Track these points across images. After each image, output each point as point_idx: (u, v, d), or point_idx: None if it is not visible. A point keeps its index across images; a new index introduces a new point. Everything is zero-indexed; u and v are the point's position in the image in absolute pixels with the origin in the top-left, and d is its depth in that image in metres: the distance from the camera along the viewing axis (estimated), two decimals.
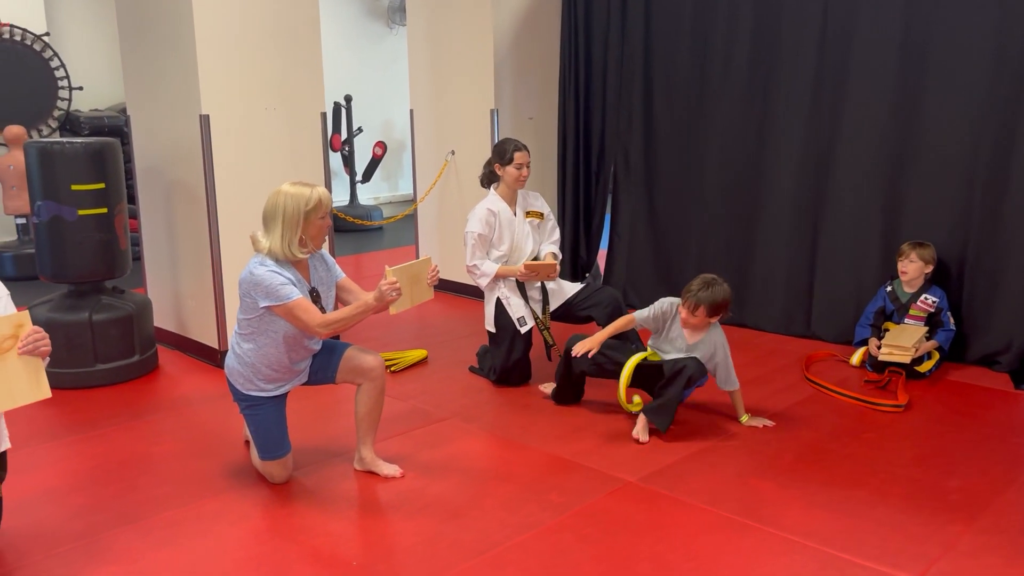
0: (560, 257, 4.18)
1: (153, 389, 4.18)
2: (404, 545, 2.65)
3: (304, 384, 3.09)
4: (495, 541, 2.66)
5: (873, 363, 4.18)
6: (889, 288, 4.30)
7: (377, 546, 2.66)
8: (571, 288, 4.14)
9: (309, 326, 2.84)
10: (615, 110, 5.58)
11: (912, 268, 4.19)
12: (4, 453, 2.65)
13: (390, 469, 3.14)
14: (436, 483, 3.08)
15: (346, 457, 3.30)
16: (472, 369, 4.35)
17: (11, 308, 2.57)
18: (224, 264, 4.38)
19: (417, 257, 6.29)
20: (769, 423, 3.58)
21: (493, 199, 4.05)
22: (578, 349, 3.51)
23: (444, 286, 6.06)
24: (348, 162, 9.39)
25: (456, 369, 4.40)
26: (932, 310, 4.18)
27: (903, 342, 3.98)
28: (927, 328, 4.15)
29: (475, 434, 3.55)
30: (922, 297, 4.18)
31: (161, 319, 4.82)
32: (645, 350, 3.65)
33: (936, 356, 4.16)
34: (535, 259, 4.06)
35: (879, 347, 4.08)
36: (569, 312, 4.10)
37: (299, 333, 2.92)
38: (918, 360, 4.06)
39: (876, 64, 4.46)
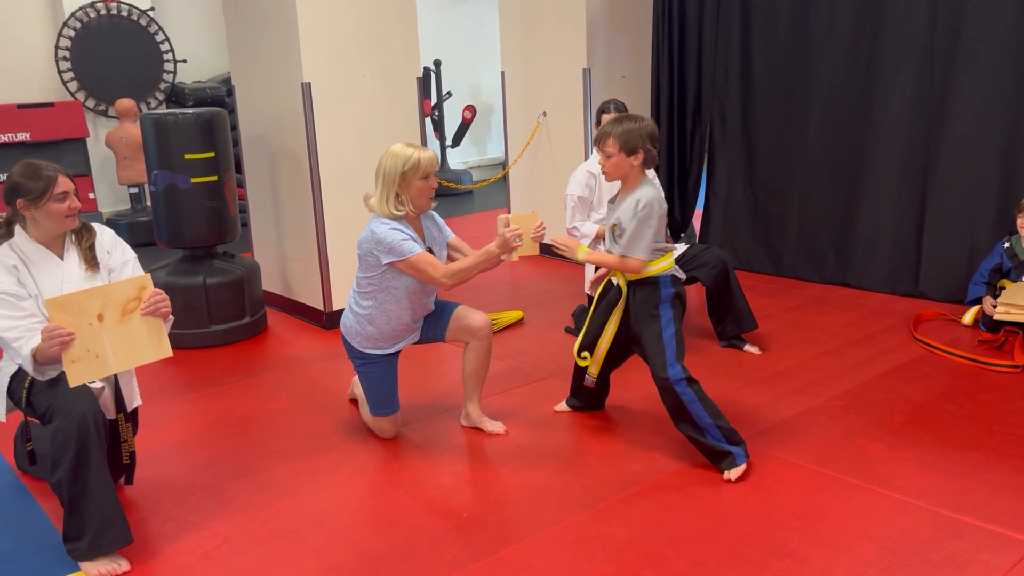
0: None
1: (264, 349, 4.37)
2: (513, 498, 2.72)
3: (415, 343, 3.18)
4: (600, 496, 2.70)
5: (987, 322, 4.01)
6: (1007, 244, 4.10)
7: (486, 499, 2.73)
8: (676, 249, 4.06)
9: (434, 277, 2.91)
10: (711, 66, 5.45)
11: None
12: (136, 409, 2.84)
13: (495, 426, 3.21)
14: (539, 440, 3.14)
15: (452, 414, 3.39)
16: (568, 330, 4.38)
17: (139, 271, 2.72)
18: (327, 228, 4.52)
19: None
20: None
21: (595, 161, 4.02)
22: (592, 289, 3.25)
23: (541, 248, 6.09)
24: (438, 127, 9.47)
25: (552, 330, 4.44)
26: None
27: (1021, 300, 3.81)
28: None
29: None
30: None
31: (268, 282, 5.01)
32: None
33: None
34: None
35: (995, 306, 3.91)
36: None
37: (420, 289, 3.00)
38: None
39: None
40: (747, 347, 3.96)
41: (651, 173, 3.51)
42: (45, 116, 6.81)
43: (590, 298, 4.08)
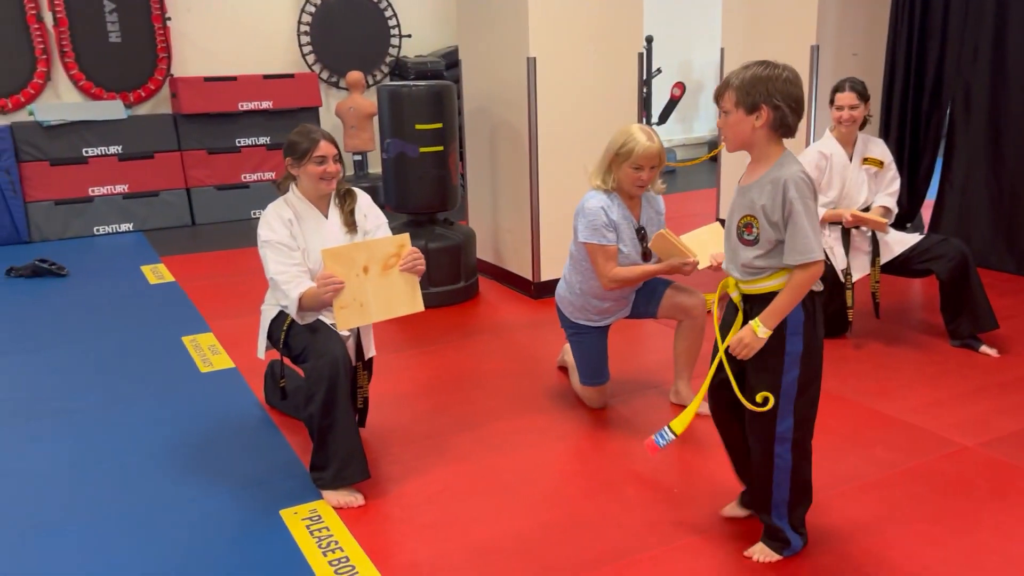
0: (894, 212, 3.86)
1: (476, 313, 4.57)
2: (725, 480, 2.70)
3: (627, 317, 3.22)
4: (817, 487, 2.61)
5: None
6: None
7: (697, 478, 2.74)
8: (908, 239, 3.81)
9: (600, 273, 2.99)
10: (957, 43, 5.03)
11: None
12: (371, 359, 3.07)
13: (705, 406, 3.19)
14: None
15: (660, 390, 3.41)
16: None
17: (389, 234, 2.93)
18: (541, 200, 4.63)
19: (717, 217, 6.20)
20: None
21: (827, 141, 3.85)
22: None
23: None
24: (645, 104, 9.39)
25: None
26: None
27: None
28: None
29: None
30: None
31: (480, 250, 5.22)
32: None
33: None
34: (866, 210, 3.81)
35: None
36: (905, 265, 3.79)
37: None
38: None
39: None
40: (983, 348, 3.67)
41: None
42: (285, 86, 7.41)
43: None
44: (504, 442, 3.02)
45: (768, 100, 2.03)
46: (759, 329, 2.08)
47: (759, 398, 2.14)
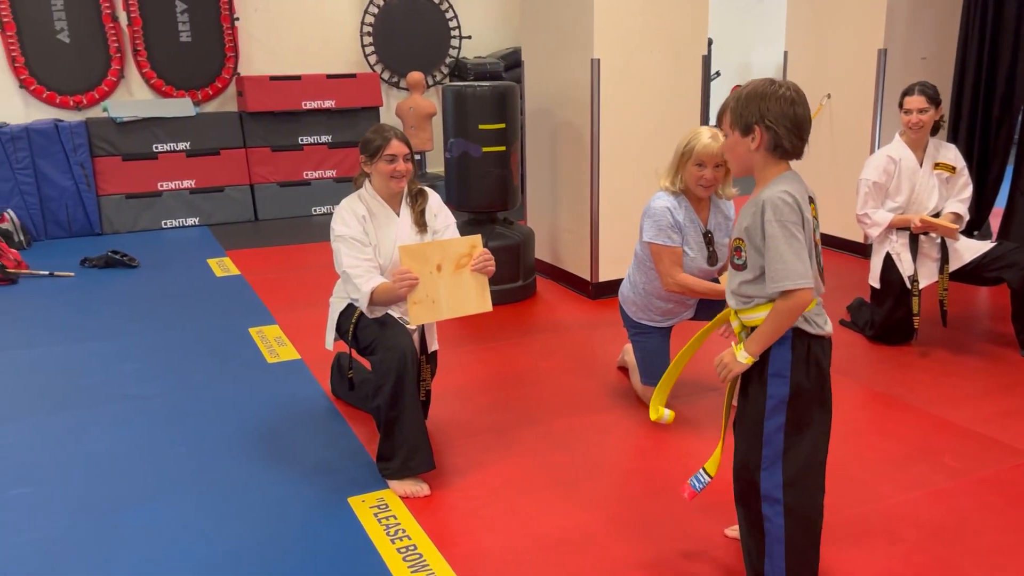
0: (965, 219, 3.79)
1: (534, 312, 4.61)
2: None
3: (691, 319, 3.22)
4: (883, 494, 2.60)
5: None
6: None
7: None
8: (979, 247, 3.74)
9: (663, 275, 2.99)
10: None
11: None
12: (435, 353, 3.13)
13: None
14: None
15: (720, 392, 3.40)
16: (843, 323, 4.19)
17: (457, 234, 2.98)
18: (601, 201, 4.65)
19: None
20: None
21: (896, 145, 3.80)
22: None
23: None
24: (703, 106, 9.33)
25: None
26: None
27: None
28: None
29: (850, 388, 3.45)
30: None
31: (538, 250, 5.25)
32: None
33: None
34: (936, 216, 3.74)
35: None
36: (976, 273, 3.72)
37: (691, 272, 3.04)
38: None
39: None
40: None
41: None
42: (348, 86, 7.54)
43: (874, 290, 3.91)
44: (566, 438, 3.05)
45: (761, 121, 1.90)
46: (739, 353, 1.96)
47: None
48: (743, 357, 1.96)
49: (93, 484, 2.77)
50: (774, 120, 1.89)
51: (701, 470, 2.19)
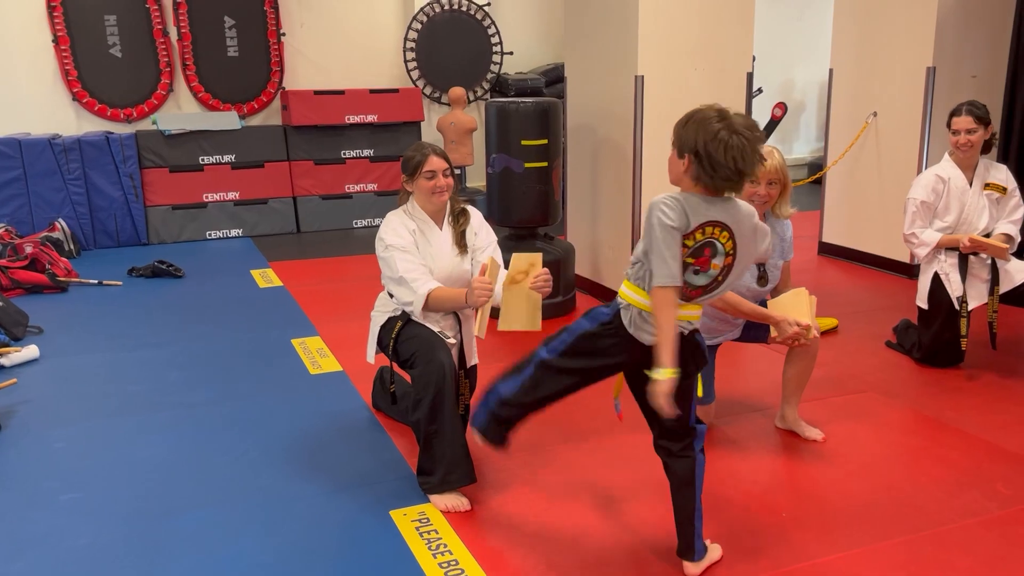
0: (1016, 239, 3.72)
1: None
2: (835, 505, 2.65)
3: (736, 340, 3.19)
4: (935, 521, 2.55)
5: None
6: None
7: (806, 502, 2.69)
8: None
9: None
10: None
11: None
12: (474, 367, 3.13)
13: (813, 432, 3.13)
14: (859, 452, 3.01)
15: (765, 414, 3.36)
16: (889, 344, 4.13)
17: (499, 253, 2.98)
18: (643, 218, 4.62)
19: (820, 239, 6.08)
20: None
21: (945, 165, 3.74)
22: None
23: (854, 256, 5.80)
24: None
25: (870, 342, 4.20)
26: None
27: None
28: None
29: (899, 410, 3.39)
30: None
31: (578, 266, 5.25)
32: None
33: None
34: (986, 236, 3.67)
35: None
36: None
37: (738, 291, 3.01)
38: None
39: None
40: None
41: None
42: (390, 100, 7.63)
43: (921, 311, 3.84)
44: (609, 457, 3.03)
45: (692, 151, 2.00)
46: (654, 373, 2.04)
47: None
48: (657, 374, 2.06)
49: (141, 491, 2.81)
50: (703, 156, 1.98)
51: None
